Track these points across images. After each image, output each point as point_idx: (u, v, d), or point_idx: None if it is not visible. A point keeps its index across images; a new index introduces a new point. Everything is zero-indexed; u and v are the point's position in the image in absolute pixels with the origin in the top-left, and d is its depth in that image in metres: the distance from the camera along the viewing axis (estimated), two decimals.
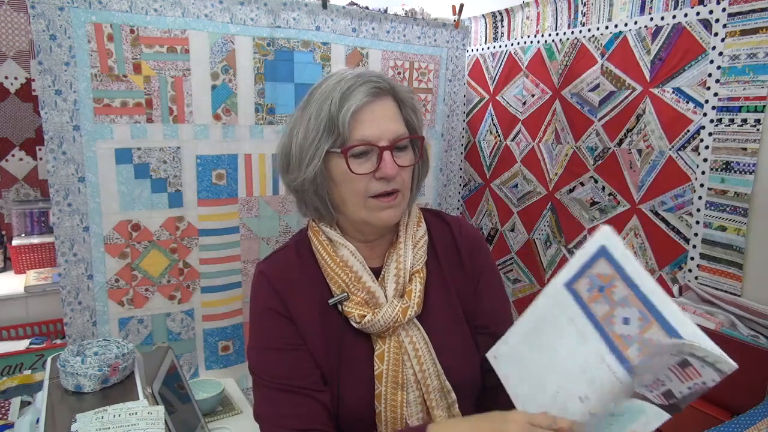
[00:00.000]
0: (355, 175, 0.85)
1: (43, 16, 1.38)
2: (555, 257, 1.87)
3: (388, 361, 0.89)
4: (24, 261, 1.98)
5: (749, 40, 1.29)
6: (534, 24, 1.89)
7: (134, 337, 1.64)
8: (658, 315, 0.63)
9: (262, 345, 0.92)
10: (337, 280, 0.91)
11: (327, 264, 0.92)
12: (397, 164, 0.87)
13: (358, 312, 0.89)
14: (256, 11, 1.69)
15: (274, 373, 0.89)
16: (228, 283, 1.77)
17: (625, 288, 0.66)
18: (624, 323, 0.65)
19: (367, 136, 0.85)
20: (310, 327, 0.91)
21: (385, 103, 0.88)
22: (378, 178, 0.86)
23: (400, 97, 0.90)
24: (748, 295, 1.34)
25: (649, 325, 0.63)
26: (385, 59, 1.96)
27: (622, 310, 0.66)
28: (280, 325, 0.90)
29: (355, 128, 0.85)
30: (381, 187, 0.87)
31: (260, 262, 0.98)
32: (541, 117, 1.87)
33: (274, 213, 1.83)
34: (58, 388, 0.98)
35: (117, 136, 1.53)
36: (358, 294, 0.91)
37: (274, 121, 1.77)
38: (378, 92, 0.86)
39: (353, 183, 0.86)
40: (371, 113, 0.86)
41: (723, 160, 1.36)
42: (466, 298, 0.98)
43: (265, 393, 0.89)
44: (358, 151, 0.85)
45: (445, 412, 0.91)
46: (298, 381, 0.87)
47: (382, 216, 0.89)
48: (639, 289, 0.65)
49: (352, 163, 0.85)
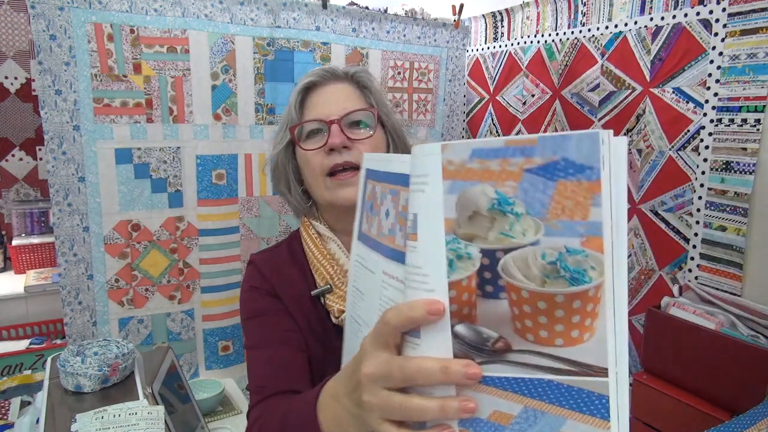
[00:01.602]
0: (306, 151, 0.89)
1: (43, 16, 1.38)
2: None
3: None
4: (24, 261, 1.98)
5: (749, 40, 1.29)
6: (534, 24, 1.89)
7: (134, 337, 1.64)
8: (398, 178, 0.51)
9: (248, 317, 0.93)
10: (323, 272, 0.92)
11: (314, 256, 0.93)
12: (349, 137, 0.88)
13: (337, 306, 0.89)
14: (256, 11, 1.68)
15: (259, 337, 0.89)
16: (228, 283, 1.77)
17: (381, 186, 0.55)
18: (386, 217, 0.53)
19: (316, 115, 0.89)
20: (297, 312, 0.91)
21: (339, 85, 0.92)
22: (327, 152, 0.88)
23: (359, 80, 0.94)
24: (748, 295, 1.34)
25: (397, 197, 0.51)
26: (385, 59, 1.96)
27: (382, 208, 0.54)
28: (267, 299, 0.92)
29: (306, 110, 0.91)
30: (332, 161, 0.87)
31: (252, 254, 1.00)
32: (541, 117, 1.87)
33: (274, 213, 1.83)
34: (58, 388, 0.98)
35: (117, 136, 1.53)
36: (343, 287, 0.90)
37: (274, 121, 1.77)
38: (328, 76, 0.92)
39: (309, 162, 0.90)
40: (323, 95, 0.91)
41: (723, 160, 1.36)
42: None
43: (250, 359, 0.90)
44: (307, 128, 0.90)
45: None
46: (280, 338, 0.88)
47: (341, 194, 0.88)
48: (387, 173, 0.53)
49: (304, 143, 0.90)
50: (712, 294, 1.34)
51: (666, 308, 1.37)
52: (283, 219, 1.84)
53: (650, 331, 1.38)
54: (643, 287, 1.59)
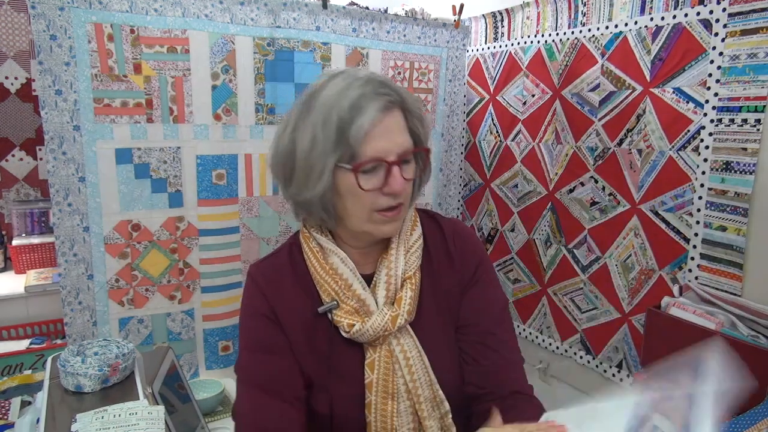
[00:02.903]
0: (363, 191, 0.82)
1: (44, 16, 1.38)
2: (555, 257, 1.87)
3: (378, 370, 0.88)
4: (24, 261, 1.98)
5: (749, 40, 1.29)
6: (534, 24, 1.89)
7: (134, 337, 1.64)
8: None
9: (247, 346, 0.92)
10: (327, 288, 0.90)
11: (317, 271, 0.91)
12: (404, 177, 0.83)
13: (347, 321, 0.87)
14: (256, 11, 1.68)
15: (254, 373, 0.88)
16: (228, 283, 1.77)
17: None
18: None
19: (378, 152, 0.81)
20: (298, 334, 0.90)
21: (394, 115, 0.83)
22: (385, 194, 0.83)
23: (408, 107, 0.86)
24: (749, 295, 1.34)
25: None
26: (385, 59, 1.96)
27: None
28: (266, 328, 0.90)
29: (366, 143, 0.80)
30: (387, 202, 0.84)
31: (252, 265, 0.97)
32: (542, 117, 1.87)
33: (274, 213, 1.83)
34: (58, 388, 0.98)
35: (117, 136, 1.53)
36: (348, 302, 0.89)
37: (274, 121, 1.77)
38: (390, 106, 0.82)
39: (360, 198, 0.83)
40: (382, 127, 0.81)
41: (723, 160, 1.36)
42: (457, 303, 0.95)
43: (242, 391, 0.89)
44: (367, 167, 0.81)
45: (437, 422, 0.89)
46: (278, 386, 0.87)
47: (384, 229, 0.87)
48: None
49: (361, 179, 0.81)
50: (712, 294, 1.34)
51: (666, 308, 1.37)
52: (283, 219, 1.84)
53: (650, 331, 1.38)
54: (643, 287, 1.59)
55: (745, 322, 1.25)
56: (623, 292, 1.65)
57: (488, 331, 0.94)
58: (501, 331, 0.95)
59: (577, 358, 1.83)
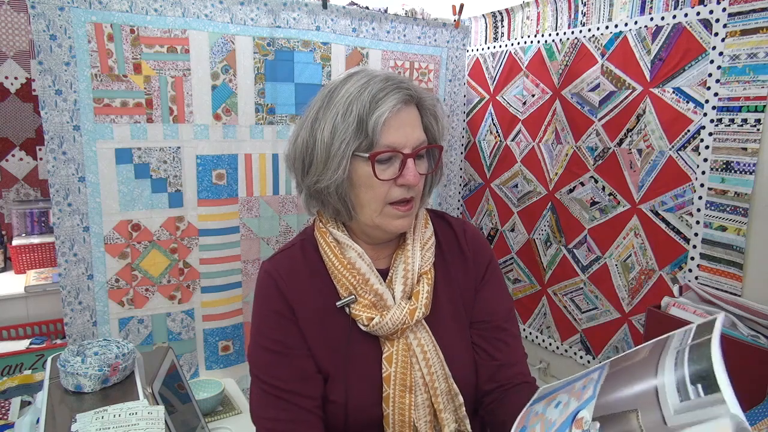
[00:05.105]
0: (378, 180, 0.85)
1: (44, 16, 1.38)
2: (555, 257, 1.87)
3: (396, 364, 0.89)
4: (24, 261, 1.98)
5: (749, 40, 1.29)
6: (534, 24, 1.89)
7: (134, 337, 1.64)
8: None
9: (264, 345, 0.91)
10: (345, 282, 0.91)
11: (334, 266, 0.92)
12: (419, 172, 0.87)
13: (366, 315, 0.89)
14: (256, 11, 1.68)
15: (273, 376, 0.89)
16: (228, 283, 1.77)
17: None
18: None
19: (394, 143, 0.85)
20: (315, 329, 0.91)
21: (411, 110, 0.88)
22: (399, 185, 0.86)
23: (424, 104, 0.90)
24: (748, 295, 1.34)
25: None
26: (385, 59, 1.96)
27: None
28: (284, 328, 0.90)
29: (383, 133, 0.84)
30: (401, 194, 0.87)
31: (265, 261, 0.97)
32: (541, 117, 1.87)
33: (274, 213, 1.83)
34: (58, 388, 0.98)
35: (117, 136, 1.53)
36: (366, 296, 0.90)
37: (274, 121, 1.77)
38: (408, 101, 0.87)
39: (375, 188, 0.86)
40: (399, 120, 0.85)
41: (723, 160, 1.36)
42: (470, 299, 0.98)
43: (261, 394, 0.89)
44: (383, 157, 0.85)
45: (452, 414, 0.91)
46: (295, 386, 0.87)
47: (396, 224, 0.89)
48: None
49: (377, 169, 0.85)
50: (712, 294, 1.34)
51: (666, 308, 1.37)
52: (283, 219, 1.84)
53: (650, 331, 1.38)
54: (643, 287, 1.59)
55: (745, 322, 1.25)
56: (623, 292, 1.65)
57: (500, 327, 0.97)
58: (511, 326, 0.99)
59: (577, 358, 1.83)
